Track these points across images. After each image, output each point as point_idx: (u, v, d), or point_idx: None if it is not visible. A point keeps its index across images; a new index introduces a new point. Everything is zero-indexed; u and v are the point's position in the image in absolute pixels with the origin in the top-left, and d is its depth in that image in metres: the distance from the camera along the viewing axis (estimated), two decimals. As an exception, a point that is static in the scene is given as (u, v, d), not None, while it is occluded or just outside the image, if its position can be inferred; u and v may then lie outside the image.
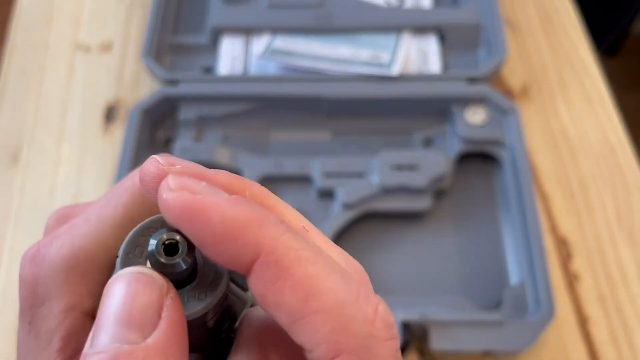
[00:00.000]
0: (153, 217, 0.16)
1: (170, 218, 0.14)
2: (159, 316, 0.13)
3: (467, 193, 0.53)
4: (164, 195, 0.14)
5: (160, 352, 0.13)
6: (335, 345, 0.13)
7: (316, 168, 0.51)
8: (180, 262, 0.14)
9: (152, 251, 0.15)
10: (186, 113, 0.54)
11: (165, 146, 0.55)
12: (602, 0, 1.08)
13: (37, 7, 0.65)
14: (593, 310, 0.47)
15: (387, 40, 0.58)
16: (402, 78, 0.54)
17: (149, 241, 0.15)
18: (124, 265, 0.15)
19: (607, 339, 0.46)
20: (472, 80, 0.55)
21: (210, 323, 0.17)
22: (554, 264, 0.49)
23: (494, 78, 0.57)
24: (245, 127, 0.55)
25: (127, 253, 0.15)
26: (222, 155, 0.52)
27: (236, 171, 0.52)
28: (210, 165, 0.51)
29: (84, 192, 0.53)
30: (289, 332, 0.14)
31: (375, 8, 0.60)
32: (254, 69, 0.58)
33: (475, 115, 0.53)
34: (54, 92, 0.59)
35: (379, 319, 0.13)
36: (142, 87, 0.59)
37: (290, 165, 0.52)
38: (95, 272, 0.18)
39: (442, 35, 0.59)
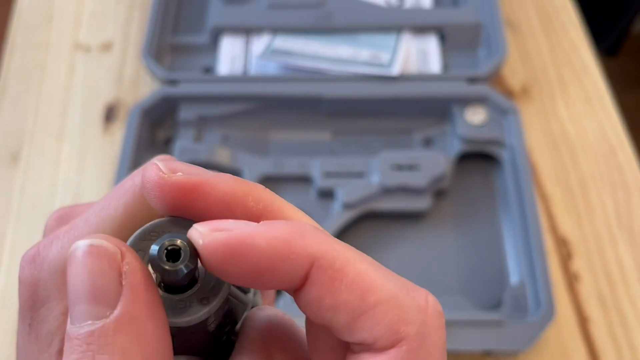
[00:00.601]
0: (155, 221, 0.16)
1: (213, 262, 0.13)
2: (120, 284, 0.13)
3: (467, 193, 0.53)
4: (200, 242, 0.14)
5: (130, 320, 0.13)
6: (396, 334, 0.14)
7: (316, 168, 0.51)
8: (183, 267, 0.14)
9: (153, 256, 0.14)
10: (186, 113, 0.54)
11: (165, 146, 0.55)
12: (602, 0, 1.08)
13: (37, 7, 0.65)
14: (593, 310, 0.47)
15: (387, 40, 0.58)
16: (402, 78, 0.55)
17: (150, 245, 0.15)
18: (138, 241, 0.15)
19: (607, 338, 0.46)
20: (472, 80, 0.55)
21: (211, 327, 0.17)
22: (554, 264, 0.49)
23: (494, 78, 0.57)
24: (245, 127, 0.55)
25: (136, 240, 0.15)
26: (222, 155, 0.52)
27: (236, 171, 0.52)
28: (210, 165, 0.51)
29: (84, 192, 0.53)
30: (348, 331, 0.14)
31: (375, 8, 0.60)
32: (254, 69, 0.58)
33: (476, 115, 0.53)
34: (54, 92, 0.59)
35: (431, 308, 0.14)
36: (142, 87, 0.59)
37: (290, 165, 0.52)
38: None
39: (442, 35, 0.59)
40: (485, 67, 0.55)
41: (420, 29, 0.59)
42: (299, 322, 0.22)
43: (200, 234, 0.14)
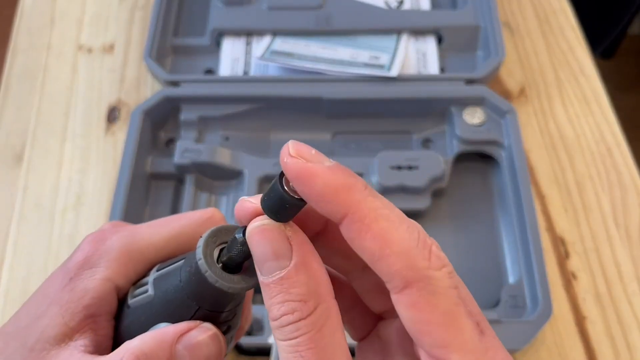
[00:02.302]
0: (226, 225, 0.22)
1: (288, 176, 0.18)
2: (290, 244, 0.19)
3: (466, 193, 0.53)
4: (285, 160, 0.18)
5: (303, 266, 0.19)
6: (405, 279, 0.18)
7: (316, 168, 0.51)
8: (240, 253, 0.20)
9: (232, 242, 0.21)
10: (187, 114, 0.54)
11: (166, 147, 0.55)
12: (599, 3, 1.09)
13: (40, 9, 0.66)
14: (590, 309, 0.48)
15: (387, 42, 0.59)
16: (401, 79, 0.55)
17: (220, 238, 0.21)
18: (205, 247, 0.21)
19: (603, 337, 0.47)
20: (471, 81, 0.55)
21: (223, 317, 0.21)
22: (551, 263, 0.50)
23: (492, 79, 0.57)
24: (246, 127, 0.55)
25: (207, 240, 0.21)
26: (223, 155, 0.52)
27: (237, 172, 0.52)
28: (211, 166, 0.52)
29: (87, 192, 0.54)
30: (372, 267, 0.18)
31: (375, 10, 0.61)
32: (254, 71, 0.58)
33: (474, 116, 0.53)
34: (57, 93, 0.60)
35: (433, 257, 0.18)
36: (144, 88, 0.60)
37: (291, 166, 0.52)
38: (139, 262, 0.24)
39: (441, 37, 0.60)
40: (483, 69, 0.55)
41: (419, 31, 0.60)
42: None
43: (288, 153, 0.18)
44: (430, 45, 0.59)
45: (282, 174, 0.19)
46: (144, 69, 0.61)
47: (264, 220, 0.19)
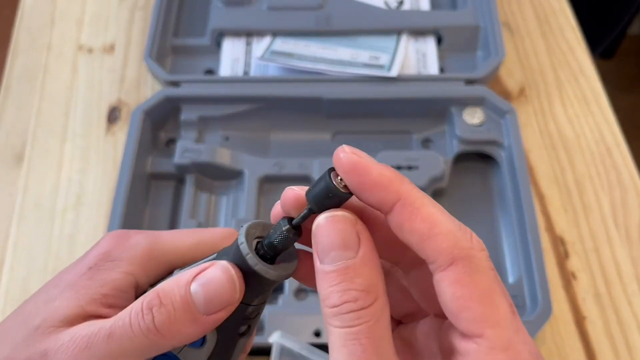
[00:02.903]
0: (263, 221, 0.23)
1: (341, 170, 0.20)
2: (359, 237, 0.20)
3: (465, 193, 0.53)
4: (341, 155, 0.20)
5: (368, 259, 0.20)
6: (451, 256, 0.19)
7: (316, 168, 0.52)
8: (283, 241, 0.21)
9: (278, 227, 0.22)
10: (188, 114, 0.54)
11: (167, 147, 0.55)
12: (599, 3, 1.09)
13: (40, 9, 0.66)
14: (589, 309, 0.48)
15: (386, 42, 0.59)
16: (401, 80, 0.55)
17: (258, 232, 0.22)
18: (247, 234, 0.22)
19: (603, 337, 0.47)
20: (470, 81, 0.55)
21: (249, 311, 0.22)
22: (550, 263, 0.50)
23: (492, 79, 0.57)
24: (246, 128, 0.56)
25: (248, 229, 0.22)
26: (223, 155, 0.52)
27: (237, 172, 0.52)
28: (211, 165, 0.52)
29: (87, 192, 0.54)
30: (419, 249, 0.20)
31: (374, 10, 0.61)
32: (254, 71, 0.58)
33: (474, 116, 0.54)
34: (57, 93, 0.60)
35: (474, 239, 0.20)
36: (144, 88, 0.60)
37: (291, 166, 0.52)
38: (160, 265, 0.24)
39: (441, 37, 0.60)
40: (483, 69, 0.55)
41: (418, 32, 0.60)
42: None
43: (343, 150, 0.20)
44: (430, 45, 0.60)
45: (331, 169, 0.21)
46: (144, 69, 0.61)
47: (335, 212, 0.20)
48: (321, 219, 0.20)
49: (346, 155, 0.20)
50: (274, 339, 0.41)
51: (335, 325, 0.19)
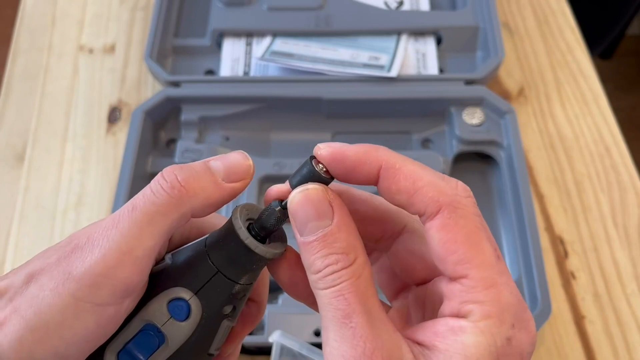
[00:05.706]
0: (253, 204, 0.24)
1: (323, 160, 0.22)
2: (331, 205, 0.21)
3: (465, 193, 0.53)
4: (319, 153, 0.22)
5: (343, 224, 0.21)
6: (437, 203, 0.21)
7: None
8: (274, 221, 0.23)
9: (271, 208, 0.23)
10: (188, 114, 0.55)
11: (167, 147, 0.56)
12: (598, 4, 1.09)
13: (41, 9, 0.66)
14: (589, 308, 0.48)
15: (386, 42, 0.59)
16: (400, 80, 0.55)
17: (251, 213, 0.23)
18: (240, 213, 0.23)
19: (602, 336, 0.47)
20: (470, 82, 0.55)
21: (235, 289, 0.23)
22: (550, 262, 0.50)
23: (491, 80, 0.58)
24: (247, 128, 0.56)
25: (240, 209, 0.23)
26: (224, 155, 0.52)
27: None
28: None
29: (88, 192, 0.54)
30: (408, 206, 0.21)
31: (374, 11, 0.61)
32: (254, 71, 0.59)
33: (473, 117, 0.54)
34: (58, 93, 0.60)
35: (460, 186, 0.21)
36: (145, 88, 0.60)
37: (291, 166, 0.52)
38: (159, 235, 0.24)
39: (440, 37, 0.60)
40: (482, 69, 0.56)
41: (418, 32, 0.60)
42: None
43: (320, 147, 0.22)
44: (429, 45, 0.60)
45: (311, 157, 0.22)
46: (144, 70, 0.61)
47: (306, 186, 0.22)
48: (294, 195, 0.22)
49: (325, 149, 0.22)
50: (274, 338, 0.41)
51: (321, 288, 0.21)
